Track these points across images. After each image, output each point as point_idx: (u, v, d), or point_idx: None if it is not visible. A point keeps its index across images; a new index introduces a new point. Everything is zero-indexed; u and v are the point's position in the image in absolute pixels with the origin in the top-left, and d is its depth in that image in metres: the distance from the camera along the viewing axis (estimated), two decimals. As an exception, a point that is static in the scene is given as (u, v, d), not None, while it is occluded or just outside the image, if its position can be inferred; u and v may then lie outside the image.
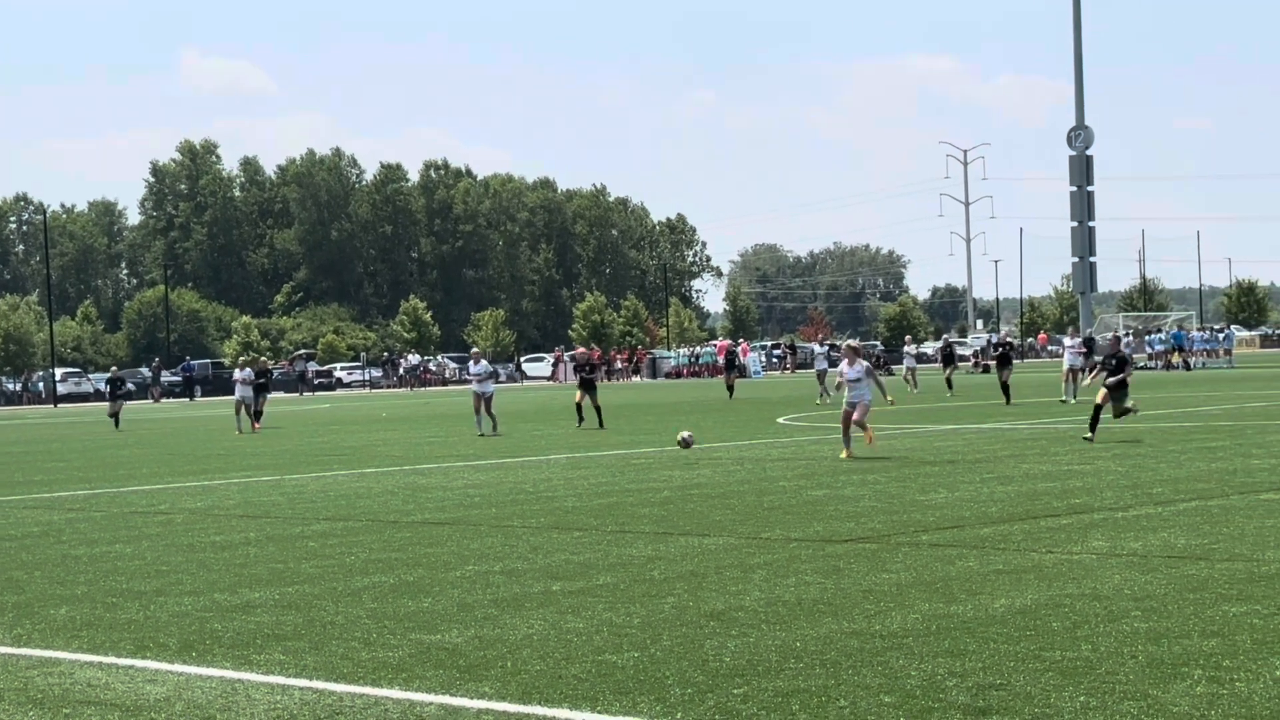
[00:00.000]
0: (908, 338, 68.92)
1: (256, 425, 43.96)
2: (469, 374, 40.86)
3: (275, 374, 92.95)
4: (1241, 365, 78.84)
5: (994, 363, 50.12)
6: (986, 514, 16.67)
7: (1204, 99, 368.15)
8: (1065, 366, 43.89)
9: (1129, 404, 27.38)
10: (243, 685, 9.29)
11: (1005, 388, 43.95)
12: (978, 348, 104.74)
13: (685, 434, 27.86)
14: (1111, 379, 27.10)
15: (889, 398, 27.53)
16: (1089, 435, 26.61)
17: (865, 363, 26.08)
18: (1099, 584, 11.74)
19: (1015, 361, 59.16)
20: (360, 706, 8.64)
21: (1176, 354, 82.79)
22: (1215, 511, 16.20)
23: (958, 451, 25.96)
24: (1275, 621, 10.08)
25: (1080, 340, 46.81)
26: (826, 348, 56.01)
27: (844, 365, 26.03)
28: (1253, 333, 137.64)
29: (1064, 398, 42.42)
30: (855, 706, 8.20)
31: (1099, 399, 27.08)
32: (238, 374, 45.13)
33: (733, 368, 60.57)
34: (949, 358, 55.47)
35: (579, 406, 38.89)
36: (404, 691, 8.93)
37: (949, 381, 53.32)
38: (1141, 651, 9.27)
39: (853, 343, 31.95)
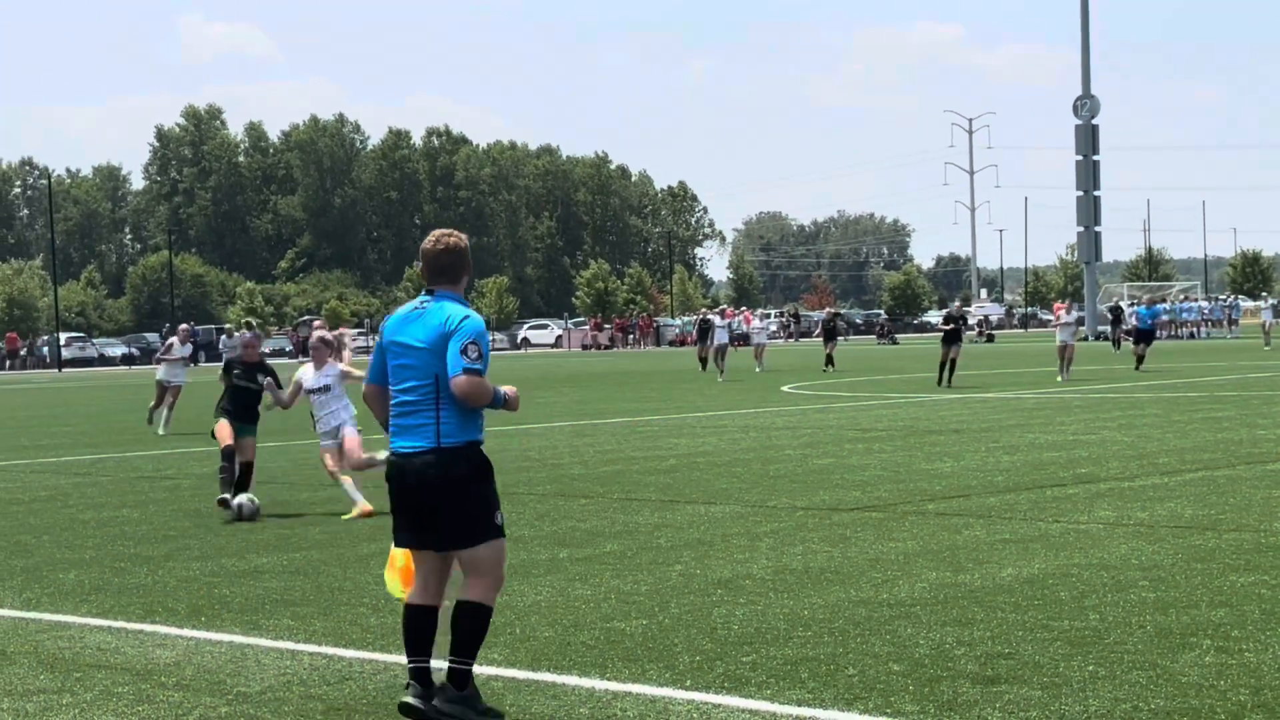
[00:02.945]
0: (726, 309, 60.31)
1: None
2: (164, 357, 30.52)
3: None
4: (1246, 336, 78.73)
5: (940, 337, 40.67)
6: (993, 483, 16.67)
7: (1212, 69, 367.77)
8: (1058, 342, 40.40)
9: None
10: (252, 650, 9.31)
11: (944, 365, 38.27)
12: (981, 317, 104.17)
13: None
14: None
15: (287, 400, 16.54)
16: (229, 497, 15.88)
17: (339, 365, 16.63)
18: (1106, 554, 11.75)
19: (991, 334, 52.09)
20: (370, 672, 8.65)
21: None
22: (1222, 482, 16.20)
23: (963, 421, 25.95)
24: (1283, 592, 10.08)
25: (1077, 316, 43.80)
26: (718, 315, 51.94)
27: (308, 370, 16.42)
28: (1258, 303, 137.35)
29: (1059, 376, 39.13)
30: (864, 675, 8.21)
31: (221, 434, 16.59)
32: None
33: (706, 338, 52.53)
34: (831, 332, 52.98)
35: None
36: (413, 657, 8.94)
37: (829, 359, 50.26)
38: (1150, 621, 9.28)
39: (324, 331, 17.60)
